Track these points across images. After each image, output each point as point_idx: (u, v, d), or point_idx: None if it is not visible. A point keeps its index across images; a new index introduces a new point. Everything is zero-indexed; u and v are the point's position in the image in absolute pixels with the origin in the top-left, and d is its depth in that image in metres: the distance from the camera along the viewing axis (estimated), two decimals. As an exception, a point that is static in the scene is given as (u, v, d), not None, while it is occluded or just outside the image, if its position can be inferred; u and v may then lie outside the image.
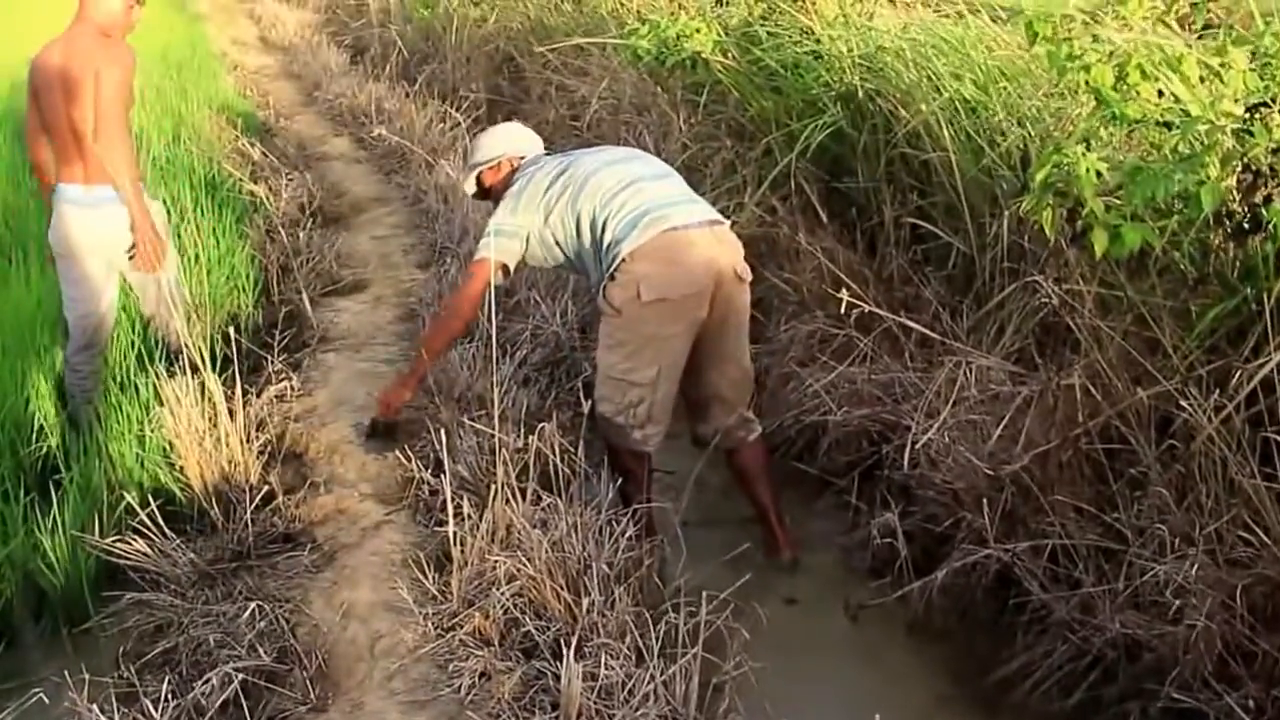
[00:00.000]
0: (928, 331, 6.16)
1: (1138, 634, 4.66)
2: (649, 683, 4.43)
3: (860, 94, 7.74)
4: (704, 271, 5.65)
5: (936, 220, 7.17)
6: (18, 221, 9.05)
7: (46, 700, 4.64)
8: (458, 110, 12.74)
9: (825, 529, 6.30)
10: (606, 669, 4.49)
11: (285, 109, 15.72)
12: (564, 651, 4.48)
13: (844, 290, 5.62)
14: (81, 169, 6.43)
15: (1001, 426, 5.41)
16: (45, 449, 6.27)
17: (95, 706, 4.32)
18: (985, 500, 5.32)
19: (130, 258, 6.60)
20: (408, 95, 14.36)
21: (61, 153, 6.48)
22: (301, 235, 9.75)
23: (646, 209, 5.74)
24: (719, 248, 5.73)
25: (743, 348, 6.02)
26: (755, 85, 8.67)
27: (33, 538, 5.51)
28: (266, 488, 5.98)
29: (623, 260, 5.65)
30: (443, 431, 5.81)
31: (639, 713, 4.34)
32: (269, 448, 6.41)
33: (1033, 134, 6.52)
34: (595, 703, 4.40)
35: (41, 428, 6.34)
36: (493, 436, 5.60)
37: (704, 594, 4.79)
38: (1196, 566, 4.46)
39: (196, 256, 8.37)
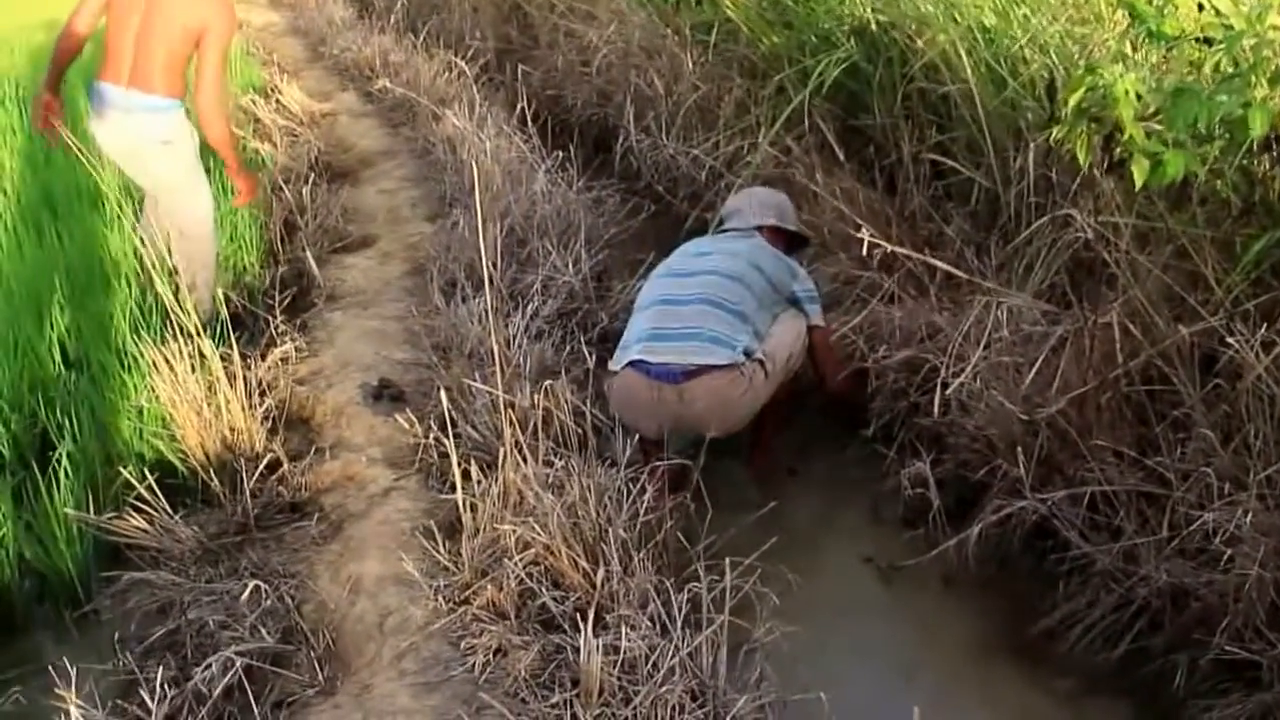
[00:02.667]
0: (956, 270, 5.91)
1: (1184, 582, 4.48)
2: (673, 655, 4.20)
3: (874, 26, 7.49)
4: (647, 424, 5.70)
5: (957, 155, 6.94)
6: (21, 186, 8.84)
7: (24, 701, 4.48)
8: (465, 60, 12.50)
9: (855, 477, 6.06)
10: (628, 641, 4.26)
11: (291, 65, 15.52)
12: (582, 623, 4.26)
13: (864, 230, 5.38)
14: (127, 73, 6.70)
15: (1035, 369, 5.18)
16: (41, 424, 6.01)
17: (78, 703, 4.10)
18: (1020, 447, 5.10)
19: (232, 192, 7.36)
20: (414, 47, 14.15)
21: (113, 52, 6.74)
22: (306, 191, 9.52)
23: (635, 336, 5.87)
24: (678, 407, 5.65)
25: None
26: (766, 21, 8.47)
27: (25, 517, 5.31)
28: (271, 455, 5.80)
29: (610, 370, 5.89)
30: (450, 391, 5.60)
31: (664, 688, 4.10)
32: (273, 413, 6.23)
33: (1056, 62, 6.26)
34: (617, 678, 4.18)
35: (37, 405, 6.11)
36: (499, 392, 5.37)
37: (728, 560, 4.53)
38: (1249, 513, 4.23)
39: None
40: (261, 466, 5.65)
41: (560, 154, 9.49)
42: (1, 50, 13.67)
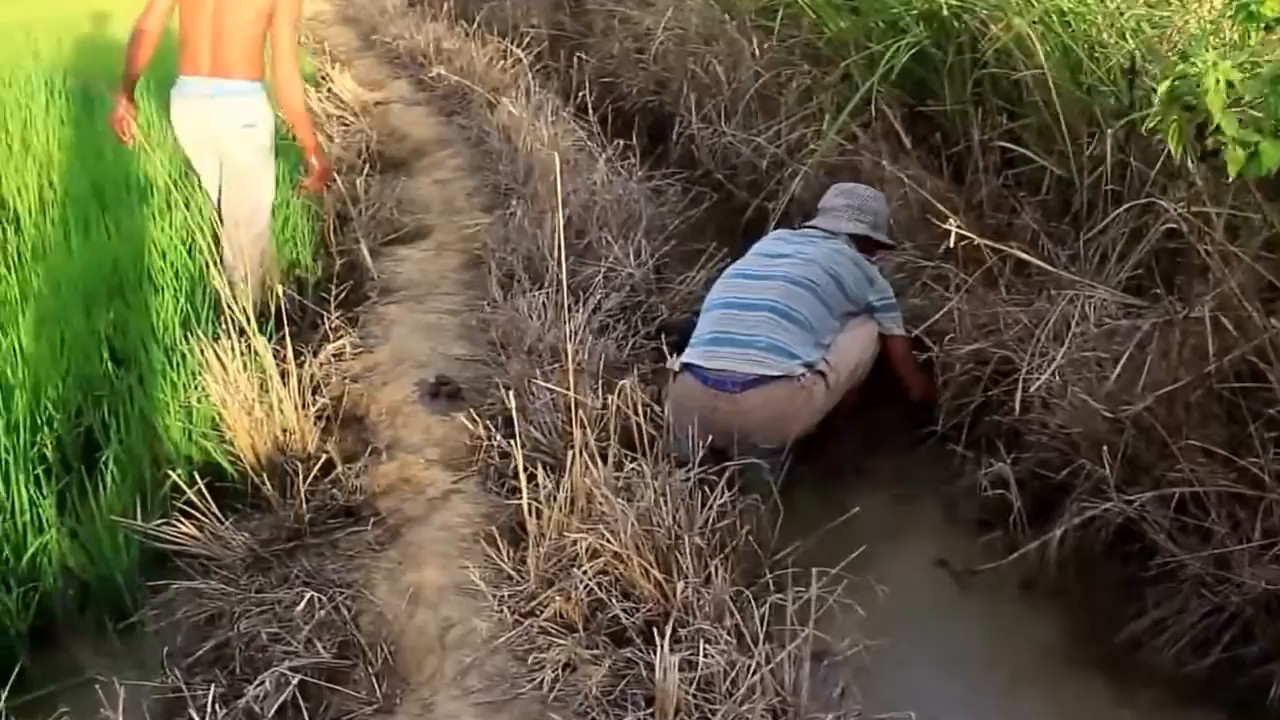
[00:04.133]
0: (1042, 263, 5.69)
1: (1280, 589, 4.26)
2: (754, 671, 3.99)
3: (944, 10, 7.29)
4: (700, 433, 5.35)
5: (1028, 143, 6.73)
6: (69, 178, 8.75)
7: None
8: (519, 47, 12.37)
9: (924, 476, 5.88)
10: (705, 656, 4.05)
11: (342, 54, 15.49)
12: (656, 637, 4.05)
13: (951, 220, 5.19)
14: (207, 61, 6.81)
15: (1120, 365, 4.97)
16: (87, 425, 5.86)
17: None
18: (1105, 446, 4.89)
19: (305, 172, 7.51)
20: (467, 34, 14.08)
21: (190, 45, 6.84)
22: (360, 182, 9.48)
23: (697, 339, 5.84)
24: (733, 417, 5.51)
25: None
26: (832, 6, 8.27)
27: (69, 523, 5.16)
28: (324, 457, 5.61)
29: (670, 371, 5.80)
30: (510, 389, 5.44)
31: (744, 707, 3.89)
32: (326, 412, 6.07)
33: (1135, 46, 6.06)
34: (694, 696, 3.96)
35: (83, 404, 5.98)
36: (567, 393, 5.20)
37: (814, 570, 4.31)
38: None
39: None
40: (315, 468, 5.49)
41: (620, 143, 9.31)
42: (49, 41, 13.65)
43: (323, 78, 13.21)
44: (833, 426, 5.90)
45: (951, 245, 5.47)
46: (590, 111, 9.76)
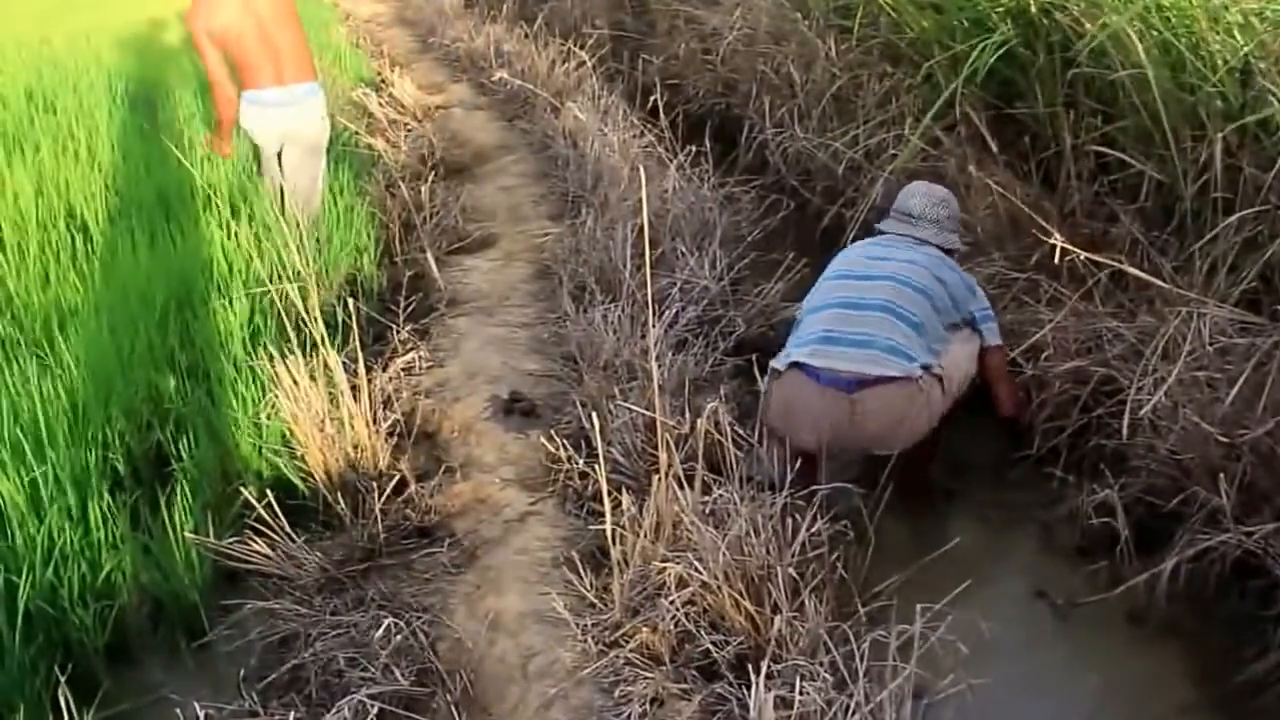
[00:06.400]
0: (1149, 277, 5.43)
1: None
2: (854, 711, 3.78)
3: (1034, 8, 7.07)
4: (808, 435, 5.34)
5: (1125, 147, 6.49)
6: (127, 187, 8.60)
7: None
8: (581, 48, 12.17)
9: (1020, 500, 5.64)
10: (801, 694, 3.83)
11: (400, 57, 15.37)
12: (748, 670, 3.90)
13: (1055, 236, 4.94)
14: (279, 72, 7.61)
15: (1237, 386, 4.73)
16: (157, 440, 5.75)
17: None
18: (1222, 473, 4.68)
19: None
20: (527, 36, 13.92)
21: (256, 62, 7.56)
22: (424, 189, 9.35)
23: (805, 338, 5.62)
24: (847, 418, 5.35)
25: None
26: (914, 4, 8.06)
27: (142, 539, 5.05)
28: (397, 475, 5.48)
29: (773, 370, 5.61)
30: (587, 407, 5.22)
31: (843, 748, 3.68)
32: (397, 428, 5.91)
33: (1249, 44, 5.81)
34: (791, 734, 3.76)
35: (152, 417, 5.87)
36: (648, 412, 4.97)
37: (918, 606, 4.12)
38: None
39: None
40: (388, 487, 5.35)
41: (693, 148, 9.09)
42: (111, 47, 13.60)
43: (382, 82, 13.09)
44: (924, 442, 5.66)
45: (1056, 260, 5.22)
46: (660, 115, 9.54)
